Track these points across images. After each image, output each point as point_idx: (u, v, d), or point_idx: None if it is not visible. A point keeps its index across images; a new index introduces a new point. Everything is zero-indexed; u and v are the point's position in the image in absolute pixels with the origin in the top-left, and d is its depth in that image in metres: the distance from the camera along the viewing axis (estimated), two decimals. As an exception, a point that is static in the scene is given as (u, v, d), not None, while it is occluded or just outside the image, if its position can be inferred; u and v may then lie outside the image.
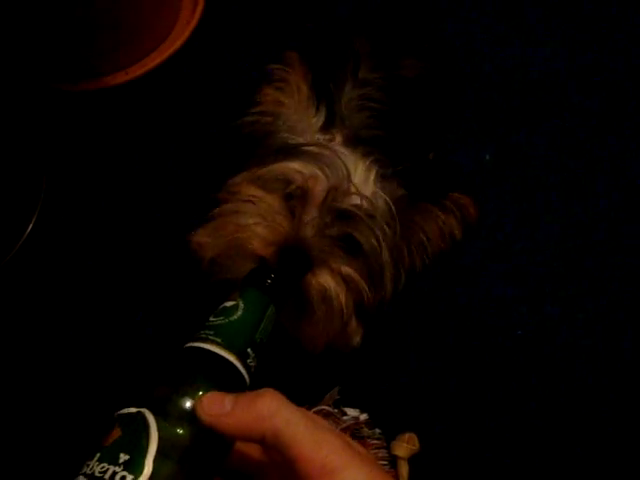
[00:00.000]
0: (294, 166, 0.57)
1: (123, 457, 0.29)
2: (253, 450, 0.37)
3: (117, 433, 0.31)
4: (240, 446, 0.36)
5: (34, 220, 0.96)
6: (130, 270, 0.97)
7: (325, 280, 0.52)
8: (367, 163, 0.60)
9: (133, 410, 0.31)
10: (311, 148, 0.58)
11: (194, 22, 1.10)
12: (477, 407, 0.90)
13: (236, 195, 0.58)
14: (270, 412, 0.30)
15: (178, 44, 1.08)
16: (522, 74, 1.15)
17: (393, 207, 0.59)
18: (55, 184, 1.00)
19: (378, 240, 0.56)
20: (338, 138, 0.63)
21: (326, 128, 0.63)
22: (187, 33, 1.09)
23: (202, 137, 1.05)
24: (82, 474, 0.30)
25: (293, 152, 0.59)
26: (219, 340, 0.34)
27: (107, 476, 0.29)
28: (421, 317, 0.96)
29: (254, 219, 0.54)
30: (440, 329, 0.96)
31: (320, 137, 0.62)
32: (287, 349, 0.60)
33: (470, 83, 1.12)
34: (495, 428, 0.89)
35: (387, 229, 0.58)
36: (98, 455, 0.30)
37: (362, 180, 0.58)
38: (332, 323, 0.55)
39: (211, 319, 0.36)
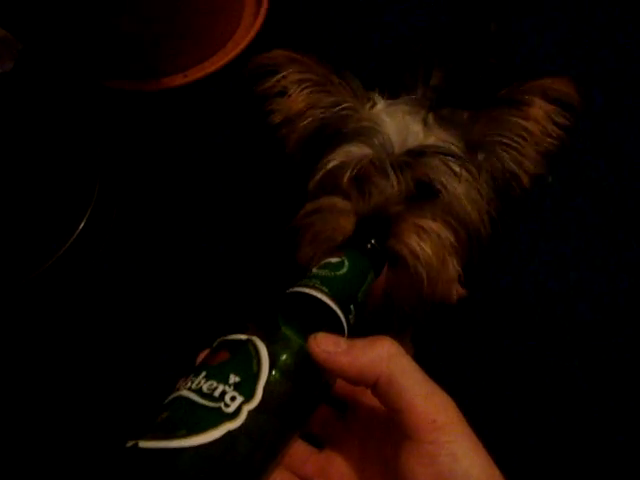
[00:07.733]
0: (340, 152, 0.56)
1: (233, 378, 0.29)
2: (330, 414, 0.37)
3: (224, 356, 0.31)
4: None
5: (87, 217, 0.95)
6: (181, 273, 0.96)
7: (407, 235, 0.51)
8: (408, 109, 0.57)
9: (242, 337, 0.31)
10: (350, 128, 0.56)
11: (256, 28, 1.10)
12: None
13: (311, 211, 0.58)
14: (389, 355, 0.30)
15: (239, 49, 1.08)
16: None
17: (453, 135, 0.56)
18: (108, 183, 0.99)
19: (452, 173, 0.53)
20: (378, 100, 0.59)
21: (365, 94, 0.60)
22: (249, 39, 1.09)
23: (260, 142, 1.03)
24: (187, 388, 0.29)
25: (333, 141, 0.58)
26: (326, 290, 0.35)
27: (216, 393, 0.28)
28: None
29: (331, 218, 0.55)
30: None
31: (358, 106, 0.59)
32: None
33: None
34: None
35: (459, 160, 0.54)
36: (204, 373, 0.30)
37: (411, 128, 0.56)
38: (428, 274, 0.53)
39: (315, 270, 0.37)
